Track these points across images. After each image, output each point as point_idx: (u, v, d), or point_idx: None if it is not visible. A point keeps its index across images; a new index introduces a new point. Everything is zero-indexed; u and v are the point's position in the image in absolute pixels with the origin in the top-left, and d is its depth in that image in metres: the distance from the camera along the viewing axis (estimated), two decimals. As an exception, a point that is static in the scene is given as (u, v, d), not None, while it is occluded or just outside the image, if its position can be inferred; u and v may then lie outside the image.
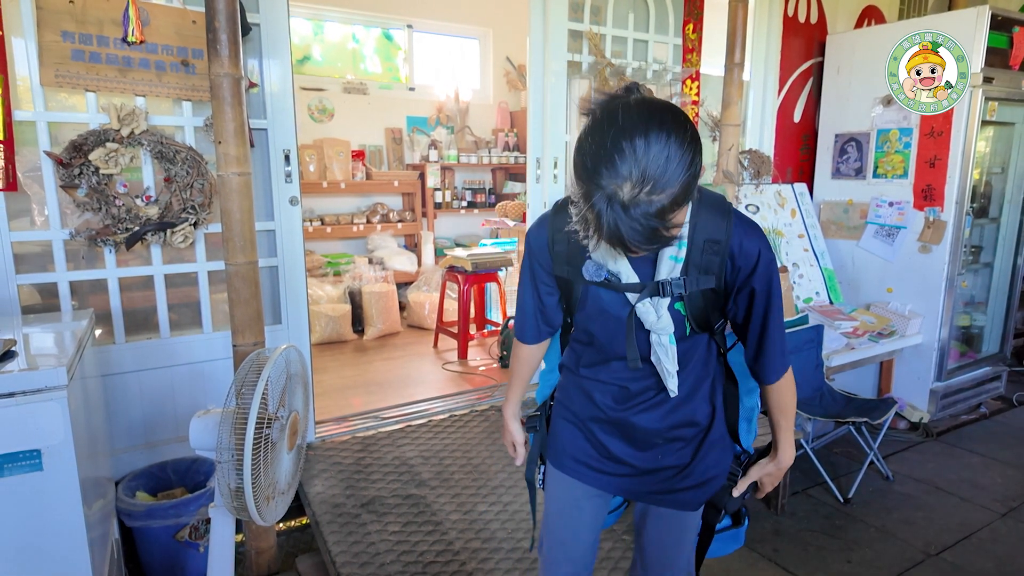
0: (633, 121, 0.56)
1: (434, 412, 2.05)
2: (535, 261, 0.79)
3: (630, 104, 0.58)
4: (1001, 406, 2.48)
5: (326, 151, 3.27)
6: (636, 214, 0.56)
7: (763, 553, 1.52)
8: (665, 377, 0.75)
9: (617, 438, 0.81)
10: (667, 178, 0.56)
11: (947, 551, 1.54)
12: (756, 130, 2.47)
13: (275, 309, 1.68)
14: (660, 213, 0.57)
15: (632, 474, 0.81)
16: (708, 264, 0.70)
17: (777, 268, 0.72)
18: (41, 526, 0.90)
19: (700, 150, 0.58)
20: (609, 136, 0.57)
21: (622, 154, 0.56)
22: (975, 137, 2.08)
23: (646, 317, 0.71)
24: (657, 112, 0.58)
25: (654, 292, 0.70)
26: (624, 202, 0.56)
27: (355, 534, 1.40)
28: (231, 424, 0.94)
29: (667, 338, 0.72)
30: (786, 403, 0.79)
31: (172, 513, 1.32)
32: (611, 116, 0.58)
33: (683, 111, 0.60)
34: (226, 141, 1.22)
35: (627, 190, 0.56)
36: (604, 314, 0.75)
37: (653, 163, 0.55)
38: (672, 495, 0.81)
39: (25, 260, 1.39)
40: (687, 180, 0.57)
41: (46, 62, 1.31)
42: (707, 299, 0.72)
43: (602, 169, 0.56)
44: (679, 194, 0.57)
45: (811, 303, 2.33)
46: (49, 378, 0.88)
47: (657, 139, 0.56)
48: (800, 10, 2.44)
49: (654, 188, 0.56)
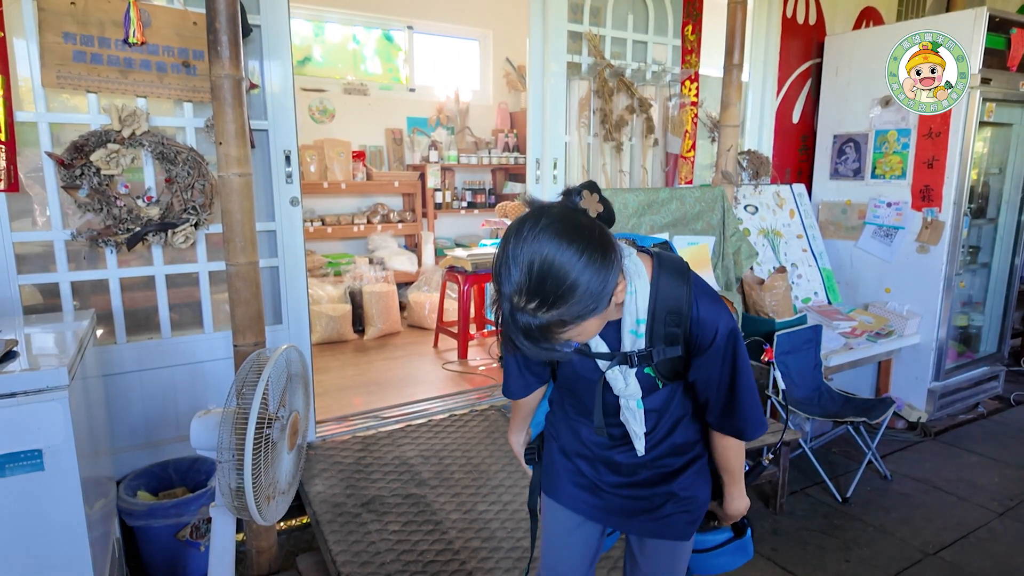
0: (536, 237, 0.57)
1: (434, 412, 2.05)
2: None
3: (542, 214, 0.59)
4: (999, 406, 2.49)
5: (327, 152, 3.28)
6: (522, 322, 0.58)
7: (761, 552, 1.53)
8: (633, 438, 0.76)
9: (604, 471, 0.83)
10: (555, 298, 0.57)
11: (945, 550, 1.55)
12: (755, 131, 2.48)
13: (276, 309, 1.69)
14: (543, 329, 0.58)
15: (620, 504, 0.83)
16: (671, 336, 0.70)
17: (740, 336, 0.72)
18: (42, 525, 0.91)
19: (607, 279, 0.58)
20: (511, 244, 0.59)
21: (515, 263, 0.57)
22: (973, 138, 2.08)
23: (615, 383, 0.74)
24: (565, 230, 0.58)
25: (623, 361, 0.71)
26: (512, 309, 0.59)
27: (355, 533, 1.41)
28: (232, 424, 0.94)
29: (635, 403, 0.74)
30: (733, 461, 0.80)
31: (173, 512, 1.32)
32: (520, 223, 0.59)
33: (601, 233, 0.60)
34: (227, 142, 1.22)
35: (515, 299, 0.58)
36: (579, 377, 0.78)
37: (536, 284, 0.57)
38: (662, 523, 0.81)
39: (27, 260, 1.39)
40: (583, 307, 0.58)
41: (48, 63, 1.32)
42: (675, 363, 0.73)
43: (501, 273, 0.59)
44: (569, 317, 0.58)
45: (809, 303, 2.33)
46: (50, 378, 0.89)
47: (550, 257, 0.56)
48: (799, 11, 2.44)
49: (539, 307, 0.57)
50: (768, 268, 2.26)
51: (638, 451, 0.77)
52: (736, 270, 2.05)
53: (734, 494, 0.84)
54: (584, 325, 0.60)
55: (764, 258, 2.29)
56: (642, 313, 0.69)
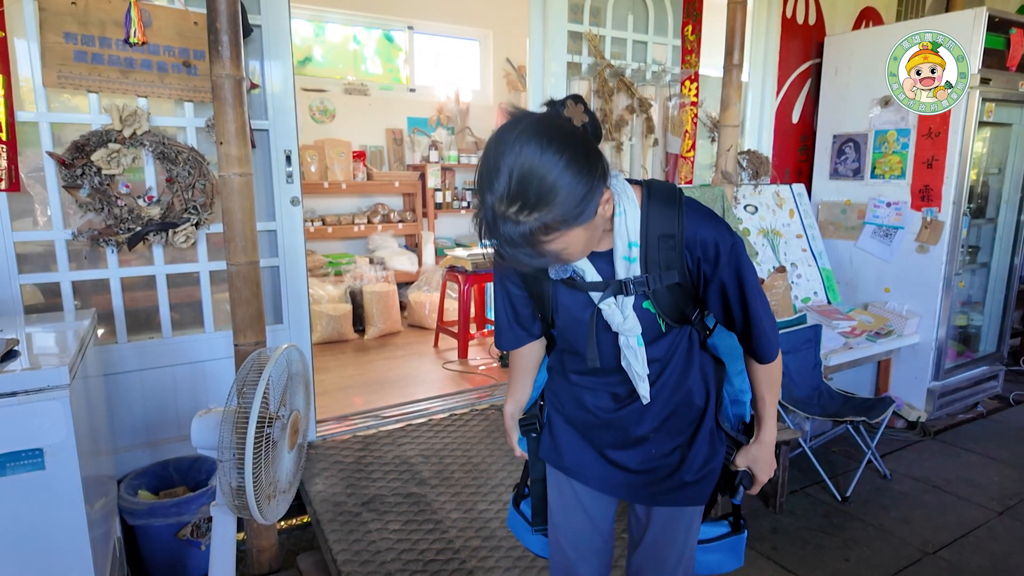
0: (517, 139, 0.56)
1: (434, 411, 2.05)
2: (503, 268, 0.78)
3: (523, 120, 0.58)
4: (998, 405, 2.49)
5: (327, 152, 3.28)
6: (506, 231, 0.57)
7: (761, 551, 1.53)
8: (636, 381, 0.73)
9: (611, 439, 0.81)
10: (533, 203, 0.55)
11: (944, 549, 1.55)
12: (755, 131, 2.48)
13: (276, 309, 1.69)
14: (529, 235, 0.57)
15: (630, 474, 0.81)
16: (667, 260, 0.68)
17: (743, 250, 0.70)
18: (43, 524, 0.91)
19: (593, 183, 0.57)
20: (492, 148, 0.57)
21: (497, 171, 0.56)
22: (972, 138, 2.09)
23: (612, 319, 0.70)
24: (545, 132, 0.56)
25: (617, 291, 0.69)
26: (497, 216, 0.57)
27: (356, 532, 1.41)
28: (232, 423, 0.95)
29: (635, 340, 0.71)
30: (775, 379, 0.79)
31: (174, 511, 1.32)
32: (501, 131, 0.58)
33: (583, 138, 0.59)
34: (227, 142, 1.23)
35: (498, 206, 0.57)
36: (575, 321, 0.74)
37: (517, 187, 0.55)
38: (673, 494, 0.80)
39: (28, 260, 1.39)
40: (566, 210, 0.56)
41: (49, 63, 1.32)
42: (675, 294, 0.70)
43: (483, 180, 0.57)
44: (552, 221, 0.56)
45: (809, 303, 2.34)
46: (51, 377, 0.89)
47: (530, 158, 0.55)
48: (798, 11, 2.45)
49: (520, 210, 0.56)
50: (768, 268, 2.26)
51: (642, 396, 0.73)
52: (736, 270, 2.05)
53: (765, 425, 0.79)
54: (570, 235, 0.58)
55: (764, 258, 2.29)
56: (634, 236, 0.67)
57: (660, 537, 0.83)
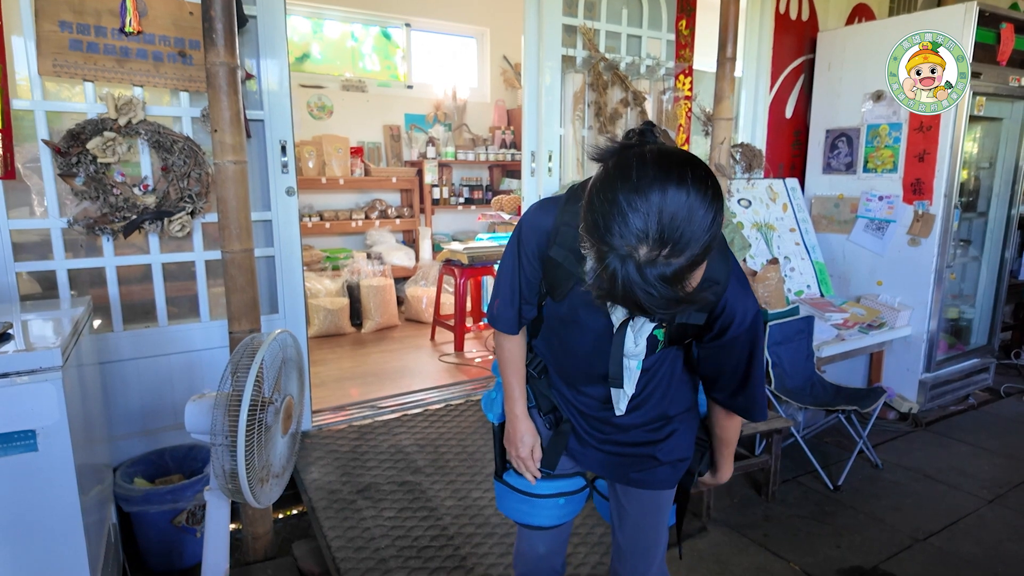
0: (650, 176, 0.52)
1: (430, 402, 2.06)
2: (524, 247, 0.74)
3: (645, 155, 0.53)
4: (989, 397, 2.51)
5: (325, 148, 3.29)
6: (652, 277, 0.52)
7: (753, 538, 1.54)
8: (619, 398, 0.76)
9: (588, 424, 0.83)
10: (687, 239, 0.51)
11: (934, 536, 1.56)
12: (748, 126, 2.50)
13: (272, 298, 1.70)
14: (677, 276, 0.52)
15: (606, 456, 0.83)
16: (703, 301, 0.62)
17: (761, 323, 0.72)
18: (37, 506, 0.91)
19: (722, 206, 0.54)
20: (622, 192, 0.52)
21: (636, 212, 0.51)
22: (963, 132, 2.10)
23: (626, 342, 0.71)
24: (676, 165, 0.53)
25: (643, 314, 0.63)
26: (639, 264, 0.52)
27: (350, 519, 1.41)
28: (225, 407, 0.95)
29: (635, 363, 0.73)
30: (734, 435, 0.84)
31: (169, 498, 1.33)
32: (625, 170, 0.53)
33: (702, 162, 0.55)
34: (222, 129, 1.23)
35: (643, 252, 0.52)
36: (579, 325, 0.73)
37: (671, 223, 0.51)
38: (647, 473, 0.82)
39: (24, 248, 1.40)
40: (708, 240, 0.53)
41: (44, 52, 1.32)
42: (688, 330, 0.71)
43: (615, 228, 0.52)
44: (699, 255, 0.53)
45: (802, 296, 2.35)
46: (44, 359, 0.89)
47: (676, 196, 0.51)
48: (792, 7, 2.47)
49: (673, 250, 0.51)
50: (761, 261, 2.28)
51: (617, 411, 0.77)
52: (729, 262, 2.06)
53: (725, 464, 0.87)
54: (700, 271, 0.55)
55: (757, 251, 2.31)
56: None
57: (641, 520, 0.86)
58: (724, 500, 1.71)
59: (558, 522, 0.87)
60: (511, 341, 0.82)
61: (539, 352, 0.85)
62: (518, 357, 0.83)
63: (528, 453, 0.84)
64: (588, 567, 1.31)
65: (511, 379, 0.84)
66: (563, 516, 0.87)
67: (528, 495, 0.85)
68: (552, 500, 0.85)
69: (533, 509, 0.86)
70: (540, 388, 0.85)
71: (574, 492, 0.86)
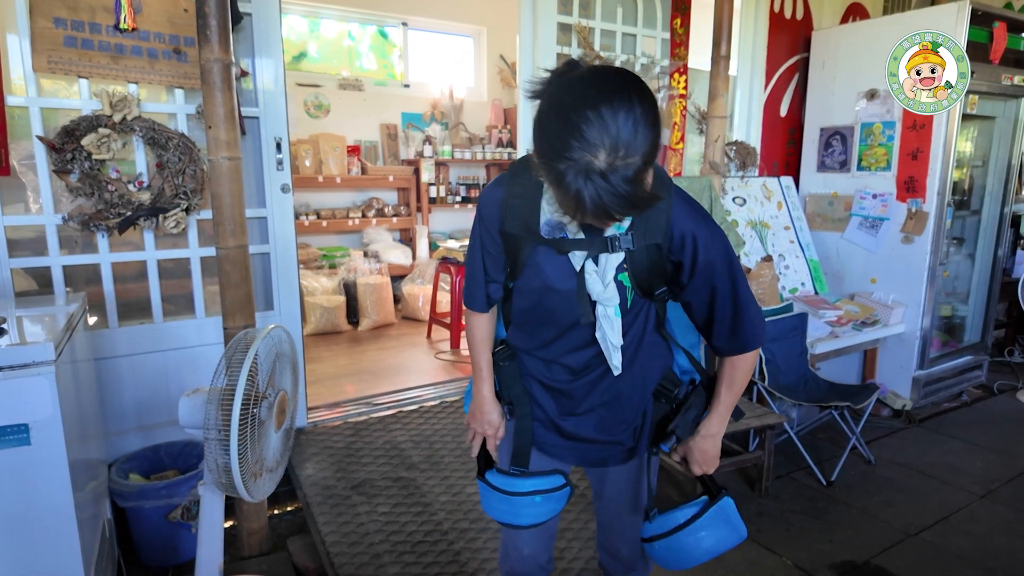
0: (594, 90, 0.56)
1: (425, 399, 2.07)
2: (484, 223, 0.78)
3: (584, 76, 0.58)
4: (982, 394, 2.52)
5: (322, 146, 3.29)
6: (615, 180, 0.56)
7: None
8: (609, 352, 0.75)
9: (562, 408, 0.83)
10: (638, 139, 0.56)
11: (926, 531, 1.57)
12: (743, 124, 2.51)
13: (267, 295, 1.70)
14: (637, 175, 0.57)
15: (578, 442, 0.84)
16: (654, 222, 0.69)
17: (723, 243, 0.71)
18: (30, 500, 0.92)
19: (656, 104, 0.58)
20: (572, 110, 0.56)
21: (590, 124, 0.55)
22: (956, 130, 2.12)
23: (593, 287, 0.72)
24: (613, 76, 0.58)
25: (603, 248, 0.70)
26: (602, 171, 0.56)
27: (345, 515, 1.42)
28: (218, 401, 0.95)
29: (612, 310, 0.73)
30: (740, 378, 0.78)
31: (164, 493, 1.33)
32: (569, 91, 0.57)
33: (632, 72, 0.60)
34: (216, 126, 1.24)
35: (602, 158, 0.55)
36: (545, 289, 0.75)
37: (622, 128, 0.55)
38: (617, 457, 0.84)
39: (19, 245, 1.40)
40: (654, 138, 0.57)
41: (39, 48, 1.33)
42: (651, 259, 0.71)
43: (572, 143, 0.55)
44: (649, 153, 0.57)
45: (796, 293, 2.36)
46: (37, 353, 0.89)
47: (620, 103, 0.56)
48: (786, 6, 2.48)
49: (628, 151, 0.56)
50: (756, 259, 2.29)
51: (614, 367, 0.75)
52: (723, 259, 2.07)
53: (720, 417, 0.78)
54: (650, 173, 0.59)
55: (752, 249, 2.32)
56: None
57: (619, 497, 0.87)
58: (718, 496, 1.72)
59: (537, 521, 0.84)
60: (479, 319, 0.84)
61: (514, 341, 0.85)
62: (486, 336, 0.85)
63: (493, 432, 0.86)
64: (581, 562, 1.32)
65: (479, 359, 0.85)
66: (541, 515, 0.84)
67: (506, 493, 0.84)
68: (528, 499, 0.84)
69: (513, 508, 0.85)
70: (505, 376, 0.85)
71: (552, 490, 0.85)
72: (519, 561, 0.91)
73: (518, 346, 0.84)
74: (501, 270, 0.81)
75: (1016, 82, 2.25)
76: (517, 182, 0.74)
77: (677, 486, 1.73)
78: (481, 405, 0.86)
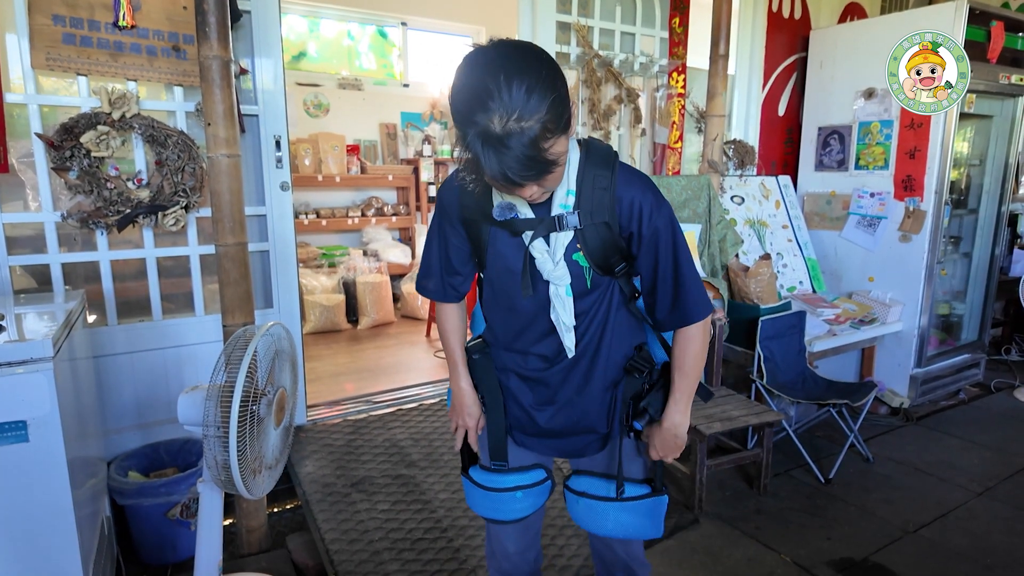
0: (492, 61, 0.61)
1: (425, 396, 2.07)
2: (444, 215, 0.80)
3: (487, 49, 0.63)
4: (979, 392, 2.53)
5: (321, 145, 3.29)
6: (512, 144, 0.59)
7: (745, 531, 1.56)
8: (562, 332, 0.76)
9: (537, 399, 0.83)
10: (533, 104, 0.59)
11: (924, 528, 1.58)
12: (741, 123, 2.52)
13: (267, 293, 1.70)
14: (534, 140, 0.60)
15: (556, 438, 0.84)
16: (598, 201, 0.72)
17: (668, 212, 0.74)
18: (28, 497, 0.91)
19: (560, 77, 0.62)
20: (474, 78, 0.61)
21: (487, 90, 0.59)
22: (954, 129, 2.12)
23: (543, 266, 0.73)
24: (512, 47, 0.62)
25: (551, 228, 0.72)
26: (498, 135, 0.59)
27: (344, 512, 1.42)
28: (217, 398, 0.95)
29: (563, 289, 0.74)
30: (692, 360, 0.77)
31: (163, 491, 1.33)
32: (473, 59, 0.62)
33: (538, 46, 0.64)
34: (215, 123, 1.24)
35: (497, 122, 0.59)
36: (508, 272, 0.77)
37: (516, 93, 0.59)
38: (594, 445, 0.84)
39: (18, 242, 1.40)
40: (553, 102, 0.60)
41: (37, 45, 1.33)
42: (603, 236, 0.73)
43: (473, 106, 0.60)
44: (549, 118, 0.60)
45: (794, 291, 2.37)
46: (35, 349, 0.89)
47: (515, 72, 0.60)
48: (784, 6, 2.49)
49: (522, 114, 0.59)
50: (754, 257, 2.29)
51: (567, 349, 0.77)
52: (722, 257, 2.08)
53: (679, 405, 0.79)
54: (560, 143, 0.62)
55: (750, 247, 2.32)
56: (572, 184, 0.72)
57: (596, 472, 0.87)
58: (716, 493, 1.72)
59: (519, 516, 0.85)
60: (445, 310, 0.86)
61: (491, 336, 0.85)
62: (456, 327, 0.86)
63: (473, 424, 0.86)
64: (581, 559, 1.32)
65: (453, 353, 0.87)
66: (524, 510, 0.85)
67: (488, 489, 0.85)
68: (510, 494, 0.84)
69: (495, 504, 0.85)
70: (478, 370, 0.86)
71: (532, 485, 0.86)
72: (505, 559, 0.92)
73: (497, 340, 0.84)
74: (466, 261, 0.82)
75: (1013, 81, 2.26)
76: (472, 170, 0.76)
77: (676, 484, 1.73)
78: (460, 398, 0.87)
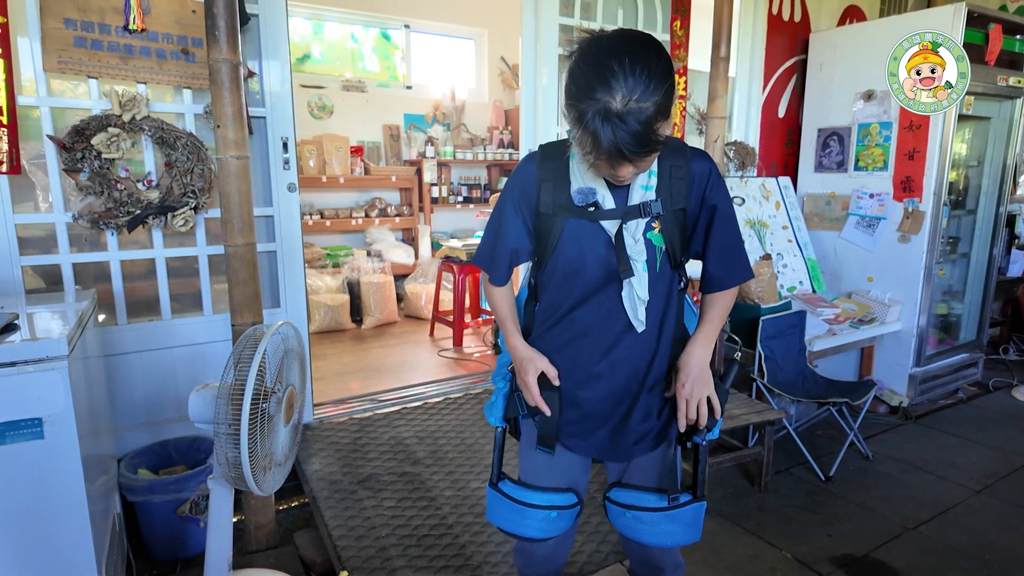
0: (616, 46, 0.67)
1: (429, 395, 2.09)
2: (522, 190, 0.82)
3: (610, 34, 0.70)
4: (977, 392, 2.55)
5: (325, 147, 3.31)
6: (630, 121, 0.65)
7: (746, 527, 1.58)
8: (635, 306, 0.80)
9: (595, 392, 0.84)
10: (652, 87, 0.66)
11: (923, 525, 1.60)
12: (742, 125, 2.54)
13: (274, 293, 1.72)
14: (649, 120, 0.66)
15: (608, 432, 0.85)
16: (676, 188, 0.80)
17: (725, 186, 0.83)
18: (43, 493, 0.93)
19: (672, 70, 0.69)
20: (598, 58, 0.67)
21: (612, 71, 0.65)
22: (952, 130, 2.14)
23: (627, 243, 0.78)
24: (636, 36, 0.70)
25: (635, 215, 0.78)
26: (618, 112, 0.65)
27: (351, 509, 1.44)
28: (228, 396, 0.97)
29: (641, 265, 0.79)
30: (720, 310, 0.85)
31: (173, 488, 1.35)
32: (597, 44, 0.68)
33: (656, 40, 0.71)
34: (224, 125, 1.26)
35: (619, 100, 0.65)
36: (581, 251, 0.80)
37: (639, 78, 0.65)
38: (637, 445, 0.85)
39: (30, 243, 1.42)
40: (667, 89, 0.67)
41: (49, 48, 1.35)
42: (679, 223, 0.80)
43: (595, 85, 0.66)
44: (662, 102, 0.67)
45: (794, 291, 2.39)
46: (50, 348, 0.91)
47: (638, 56, 0.66)
48: (784, 8, 2.51)
49: (642, 96, 0.65)
50: (754, 257, 2.31)
51: (637, 323, 0.80)
52: (723, 258, 2.10)
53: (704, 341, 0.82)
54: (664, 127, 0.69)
55: (750, 248, 2.34)
56: (655, 169, 0.79)
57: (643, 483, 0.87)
58: (718, 491, 1.74)
59: (544, 535, 0.85)
60: (499, 294, 0.89)
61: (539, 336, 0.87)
62: (508, 301, 0.89)
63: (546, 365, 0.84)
64: (585, 555, 1.34)
65: (506, 320, 0.89)
66: (551, 531, 0.85)
67: (521, 504, 0.85)
68: (544, 512, 0.84)
69: (523, 519, 0.85)
70: None
71: (567, 507, 0.86)
72: (530, 559, 0.92)
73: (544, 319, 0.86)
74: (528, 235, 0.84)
75: (1011, 83, 2.28)
76: (547, 165, 0.81)
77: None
78: (521, 352, 0.86)
